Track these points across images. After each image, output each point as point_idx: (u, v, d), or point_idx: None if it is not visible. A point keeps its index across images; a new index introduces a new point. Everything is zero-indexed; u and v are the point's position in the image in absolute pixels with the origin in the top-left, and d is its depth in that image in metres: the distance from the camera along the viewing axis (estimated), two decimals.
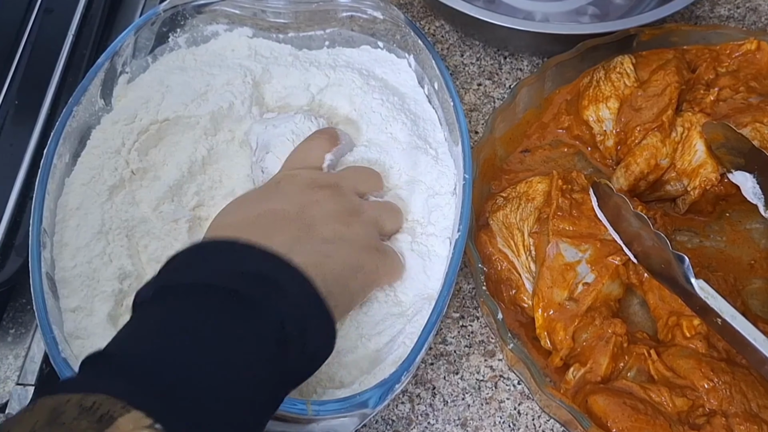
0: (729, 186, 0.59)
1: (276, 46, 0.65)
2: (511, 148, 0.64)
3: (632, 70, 0.63)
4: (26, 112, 0.62)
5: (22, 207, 0.58)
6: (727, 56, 0.65)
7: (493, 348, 0.58)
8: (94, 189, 0.54)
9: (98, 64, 0.58)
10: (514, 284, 0.56)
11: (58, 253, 0.52)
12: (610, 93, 0.63)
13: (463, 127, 0.57)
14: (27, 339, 0.55)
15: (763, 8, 0.76)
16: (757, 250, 0.60)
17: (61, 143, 0.54)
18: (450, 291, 0.50)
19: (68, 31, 0.67)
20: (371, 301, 0.53)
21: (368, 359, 0.50)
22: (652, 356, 0.52)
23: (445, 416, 0.55)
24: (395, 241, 0.54)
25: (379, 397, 0.46)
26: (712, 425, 0.49)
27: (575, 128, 0.64)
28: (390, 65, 0.64)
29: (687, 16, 0.75)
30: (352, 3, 0.64)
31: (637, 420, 0.49)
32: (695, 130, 0.60)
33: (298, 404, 0.44)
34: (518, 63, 0.72)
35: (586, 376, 0.52)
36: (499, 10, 0.75)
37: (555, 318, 0.53)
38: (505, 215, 0.58)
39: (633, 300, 0.58)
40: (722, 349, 0.53)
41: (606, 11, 0.76)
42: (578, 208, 0.57)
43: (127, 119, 0.57)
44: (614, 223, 0.55)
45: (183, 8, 0.62)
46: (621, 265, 0.55)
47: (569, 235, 0.55)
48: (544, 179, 0.59)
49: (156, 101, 0.58)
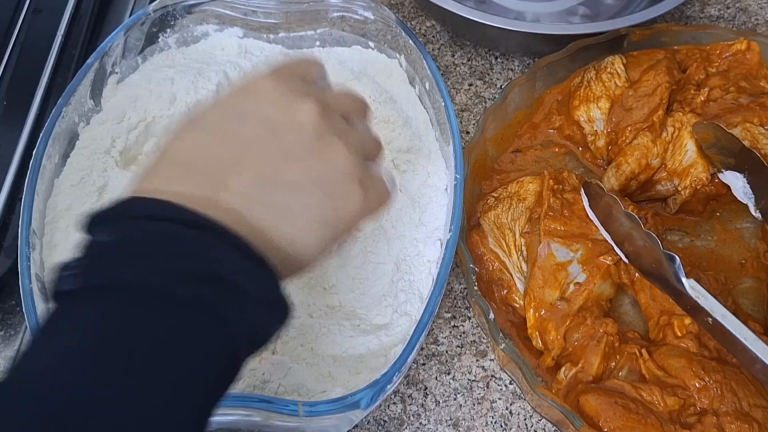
0: (719, 186, 0.59)
1: (266, 46, 0.65)
2: (503, 148, 0.64)
3: (623, 70, 0.63)
4: (15, 113, 0.62)
5: (11, 208, 0.58)
6: (718, 56, 0.65)
7: (485, 348, 0.58)
8: (83, 190, 0.54)
9: (88, 64, 0.58)
10: (505, 284, 0.56)
11: (47, 255, 0.52)
12: (600, 93, 0.63)
13: (454, 128, 0.57)
14: (16, 341, 0.55)
15: (752, 8, 0.76)
16: (748, 249, 0.60)
17: (50, 144, 0.54)
18: (441, 291, 0.50)
19: (57, 31, 0.66)
20: (364, 301, 0.53)
21: (360, 360, 0.50)
22: (643, 355, 0.52)
23: (436, 416, 0.55)
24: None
25: (371, 398, 0.45)
26: (703, 424, 0.49)
27: (566, 128, 0.64)
28: (381, 65, 0.64)
29: (677, 16, 0.76)
30: (343, 3, 0.63)
31: (628, 419, 0.49)
32: (686, 130, 0.60)
33: (290, 405, 0.44)
34: (509, 63, 0.72)
35: (578, 375, 0.52)
36: (490, 10, 0.75)
37: (547, 318, 0.54)
38: (496, 215, 0.58)
39: (624, 300, 0.58)
40: (713, 348, 0.53)
41: (596, 11, 0.76)
42: (569, 208, 0.57)
43: (116, 119, 0.57)
44: (605, 223, 0.55)
45: (173, 8, 0.62)
46: (612, 264, 0.55)
47: (560, 235, 0.56)
48: (535, 179, 0.59)
49: (144, 100, 0.58)
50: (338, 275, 0.53)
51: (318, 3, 0.64)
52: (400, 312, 0.52)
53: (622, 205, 0.54)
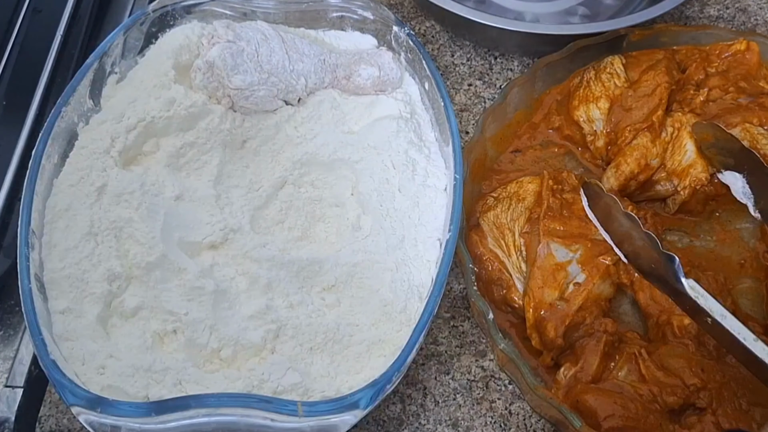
0: (718, 186, 0.59)
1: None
2: (502, 148, 0.64)
3: (622, 70, 0.63)
4: (14, 113, 0.62)
5: (10, 208, 0.58)
6: (717, 56, 0.65)
7: (484, 348, 0.58)
8: (82, 190, 0.54)
9: (87, 64, 0.58)
10: (504, 284, 0.56)
11: (46, 255, 0.52)
12: (600, 93, 0.63)
13: (454, 128, 0.57)
14: (16, 341, 0.55)
15: (752, 8, 0.76)
16: (747, 249, 0.60)
17: (49, 144, 0.54)
18: (441, 291, 0.50)
19: (57, 31, 0.66)
20: (363, 302, 0.53)
21: (359, 360, 0.50)
22: (642, 355, 0.52)
23: (436, 416, 0.55)
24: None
25: (370, 398, 0.45)
26: (702, 423, 0.49)
27: (566, 128, 0.64)
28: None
29: (677, 16, 0.76)
30: (343, 3, 0.63)
31: (628, 419, 0.49)
32: (685, 130, 0.60)
33: (289, 405, 0.44)
34: (509, 63, 0.72)
35: (577, 375, 0.52)
36: (490, 10, 0.75)
37: (546, 318, 0.53)
38: (495, 215, 0.58)
39: (623, 300, 0.58)
40: (712, 347, 0.53)
41: (596, 12, 0.76)
42: (569, 208, 0.57)
43: (115, 119, 0.57)
44: (605, 223, 0.55)
45: (172, 8, 0.62)
46: (611, 265, 0.55)
47: (560, 235, 0.56)
48: (534, 179, 0.59)
49: (143, 100, 0.58)
50: (337, 275, 0.53)
51: (317, 3, 0.64)
52: (399, 312, 0.52)
53: (621, 206, 0.54)
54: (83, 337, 0.49)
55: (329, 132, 0.60)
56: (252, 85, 0.59)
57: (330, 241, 0.56)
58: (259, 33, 0.60)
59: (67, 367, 0.47)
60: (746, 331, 0.48)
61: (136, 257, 0.53)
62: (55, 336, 0.49)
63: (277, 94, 0.60)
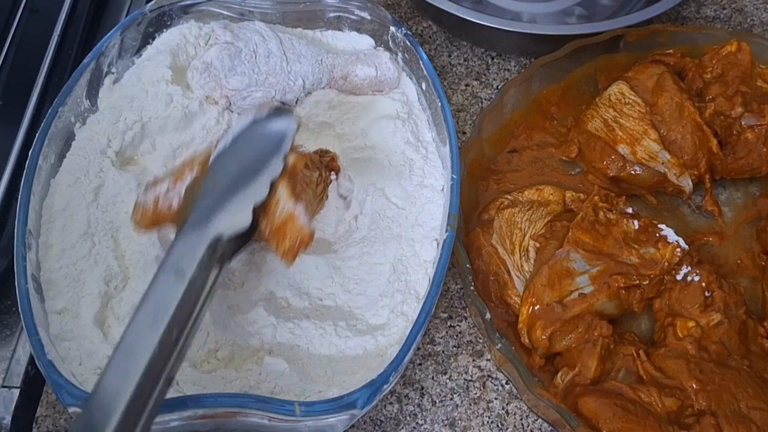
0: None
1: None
2: (499, 148, 0.64)
3: (634, 94, 0.62)
4: (11, 113, 0.62)
5: (7, 208, 0.58)
6: (709, 61, 0.65)
7: (481, 348, 0.58)
8: (79, 190, 0.54)
9: (84, 64, 0.58)
10: (501, 280, 0.56)
11: (43, 255, 0.52)
12: (638, 126, 0.61)
13: (451, 128, 0.57)
14: (12, 341, 0.55)
15: (748, 9, 0.77)
16: (743, 250, 0.60)
17: (46, 144, 0.54)
18: (438, 291, 0.50)
19: (53, 31, 0.66)
20: (363, 302, 0.52)
21: (356, 360, 0.50)
22: (640, 357, 0.52)
23: (433, 416, 0.55)
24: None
25: (367, 398, 0.45)
26: (701, 425, 0.49)
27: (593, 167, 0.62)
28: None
29: (673, 17, 0.76)
30: (340, 4, 0.64)
31: (627, 421, 0.49)
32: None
33: (287, 405, 0.44)
34: (506, 63, 0.72)
35: (575, 379, 0.52)
36: (487, 10, 0.75)
37: (538, 315, 0.53)
38: (512, 213, 0.58)
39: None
40: (713, 351, 0.52)
41: (593, 12, 0.76)
42: (607, 227, 0.56)
43: (112, 119, 0.57)
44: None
45: (169, 9, 0.62)
46: (623, 288, 0.54)
47: (586, 248, 0.55)
48: (556, 190, 0.59)
49: (140, 100, 0.58)
50: (334, 276, 0.53)
51: (314, 3, 0.64)
52: (397, 312, 0.52)
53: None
54: (80, 338, 0.49)
55: (326, 133, 0.60)
56: (249, 86, 0.59)
57: (327, 240, 0.56)
58: (257, 34, 0.60)
59: (64, 367, 0.47)
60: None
61: (133, 257, 0.53)
62: (52, 336, 0.49)
63: (275, 95, 0.60)
